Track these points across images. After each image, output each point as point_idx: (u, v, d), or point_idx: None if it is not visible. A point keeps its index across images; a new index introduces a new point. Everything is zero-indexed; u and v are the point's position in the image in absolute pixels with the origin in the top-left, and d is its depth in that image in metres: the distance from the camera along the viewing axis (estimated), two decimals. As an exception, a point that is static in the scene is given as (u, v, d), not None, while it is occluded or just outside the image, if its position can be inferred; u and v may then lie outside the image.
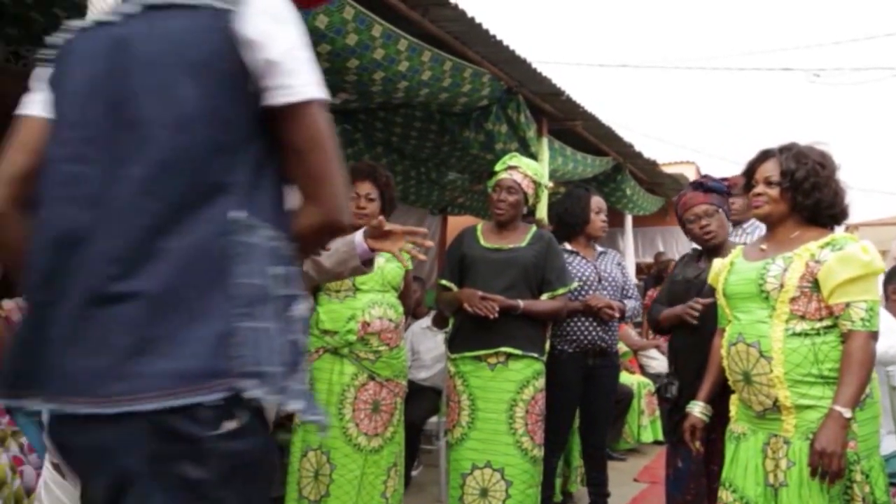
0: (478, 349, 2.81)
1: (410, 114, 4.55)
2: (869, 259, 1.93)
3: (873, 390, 1.99)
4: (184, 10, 1.04)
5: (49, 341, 1.01)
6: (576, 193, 3.39)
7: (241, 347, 0.98)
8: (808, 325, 1.98)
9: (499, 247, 2.92)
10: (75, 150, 1.06)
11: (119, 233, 1.00)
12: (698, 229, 2.68)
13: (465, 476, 2.80)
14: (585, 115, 4.83)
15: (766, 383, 2.00)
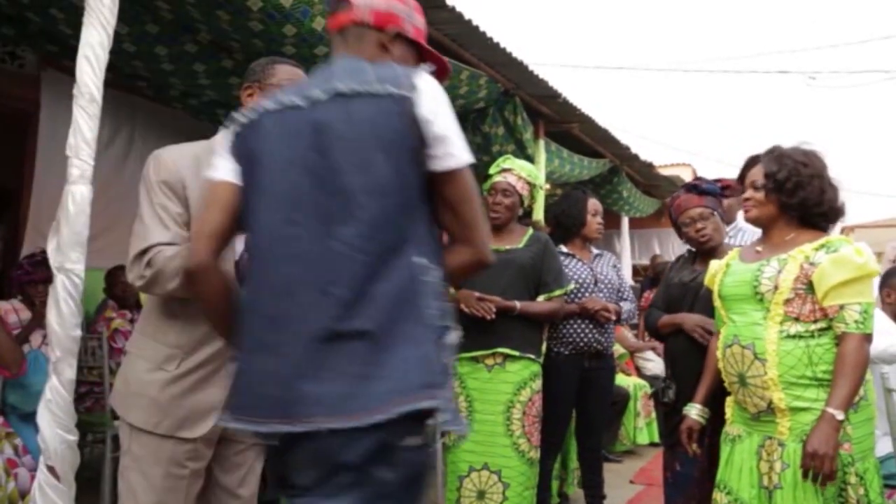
0: (475, 350, 2.80)
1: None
2: (863, 261, 1.93)
3: (868, 392, 1.98)
4: (369, 97, 1.28)
5: (276, 374, 1.25)
6: (573, 196, 3.39)
7: (434, 371, 1.24)
8: (803, 328, 1.99)
9: (495, 248, 2.89)
10: (287, 214, 1.30)
11: (339, 281, 1.24)
12: (694, 232, 2.67)
13: (462, 478, 2.80)
14: (582, 117, 4.84)
15: (760, 385, 2.00)
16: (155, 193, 1.68)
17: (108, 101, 2.15)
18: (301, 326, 1.24)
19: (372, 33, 1.44)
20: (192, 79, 3.62)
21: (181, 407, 1.71)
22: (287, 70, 1.83)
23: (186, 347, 1.71)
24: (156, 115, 4.41)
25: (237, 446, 1.84)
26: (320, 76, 1.38)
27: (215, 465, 1.84)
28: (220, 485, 1.84)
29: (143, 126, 4.41)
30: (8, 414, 2.87)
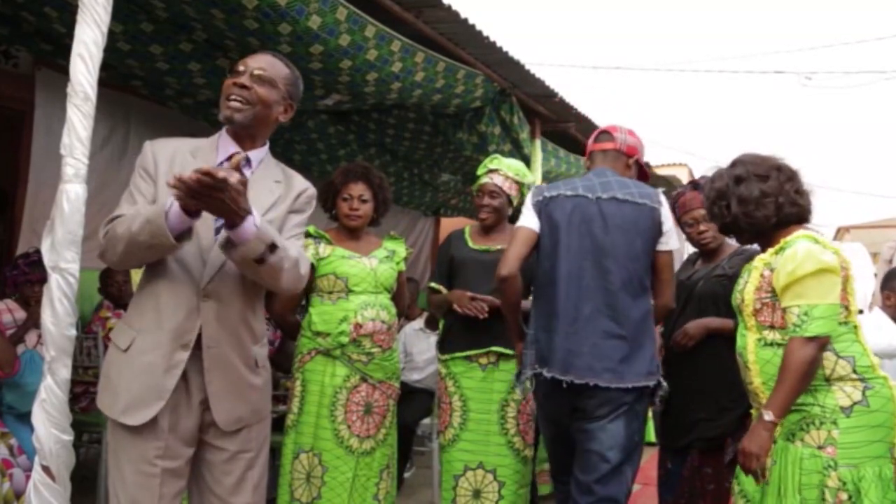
0: (468, 350, 2.81)
1: (404, 115, 4.55)
2: (793, 267, 1.92)
3: (871, 399, 1.95)
4: (634, 204, 2.39)
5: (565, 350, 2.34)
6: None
7: (655, 363, 2.39)
8: (779, 335, 1.99)
9: (487, 248, 2.92)
10: (580, 263, 2.37)
11: (613, 305, 2.34)
12: (696, 234, 2.71)
13: (457, 478, 2.80)
14: (578, 116, 4.84)
15: (753, 391, 2.05)
16: (135, 177, 1.81)
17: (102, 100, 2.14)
18: (588, 326, 2.32)
19: (623, 157, 2.55)
20: (187, 78, 3.61)
21: (128, 391, 1.72)
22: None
23: (140, 328, 1.75)
24: (151, 115, 4.39)
25: (223, 454, 1.81)
26: (598, 180, 2.44)
27: (206, 472, 1.83)
28: (213, 492, 1.83)
29: (138, 125, 4.39)
30: (3, 414, 2.86)
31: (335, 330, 2.73)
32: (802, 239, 1.99)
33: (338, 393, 2.74)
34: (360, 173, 2.91)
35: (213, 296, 1.75)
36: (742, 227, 2.09)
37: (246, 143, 1.85)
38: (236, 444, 1.82)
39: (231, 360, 1.78)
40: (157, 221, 1.59)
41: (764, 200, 2.04)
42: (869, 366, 1.98)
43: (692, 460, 2.54)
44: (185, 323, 1.73)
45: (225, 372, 1.77)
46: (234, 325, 1.79)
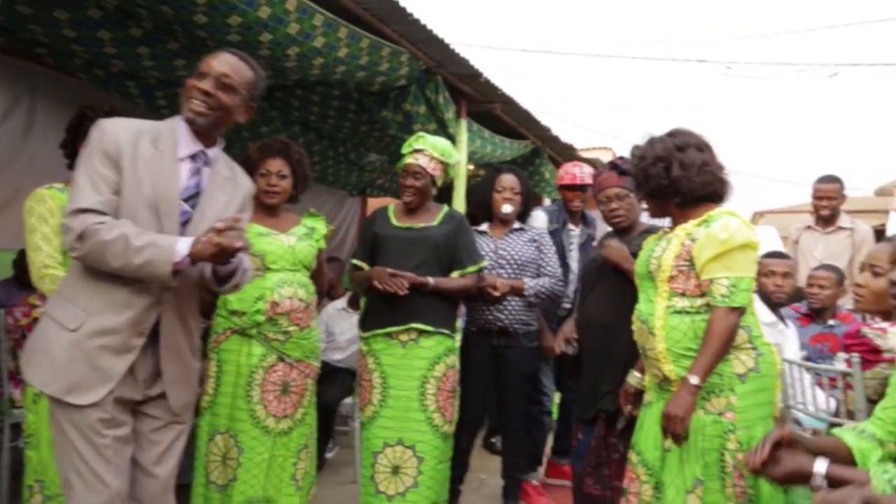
0: (389, 326, 2.80)
1: (328, 92, 4.46)
2: (726, 237, 2.01)
3: (761, 365, 2.07)
4: None
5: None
6: (486, 174, 3.42)
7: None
8: (689, 303, 2.08)
9: (410, 226, 2.92)
10: None
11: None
12: (608, 211, 2.76)
13: (376, 454, 2.80)
14: (504, 97, 4.86)
15: (655, 357, 2.10)
16: (94, 160, 1.78)
17: (3, 69, 2.03)
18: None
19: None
20: (96, 47, 3.44)
21: (75, 372, 1.73)
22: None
23: (92, 310, 1.76)
24: (59, 86, 4.16)
25: (154, 422, 1.87)
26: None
27: (133, 441, 1.84)
28: (135, 462, 1.84)
29: (45, 97, 4.15)
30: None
31: (251, 308, 2.67)
32: (728, 215, 2.09)
33: (254, 373, 2.69)
34: (279, 149, 2.85)
35: (174, 289, 1.83)
36: (679, 191, 2.14)
37: (205, 139, 1.91)
38: (171, 414, 1.90)
39: (182, 347, 1.91)
40: (162, 269, 1.71)
41: (705, 169, 2.13)
42: (759, 335, 2.10)
43: (599, 430, 2.63)
44: (145, 312, 1.80)
45: (178, 359, 1.89)
46: (185, 314, 1.91)
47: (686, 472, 2.05)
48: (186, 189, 1.87)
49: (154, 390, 1.86)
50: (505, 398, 3.31)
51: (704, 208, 2.13)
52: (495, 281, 3.08)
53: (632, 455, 2.25)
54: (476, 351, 3.11)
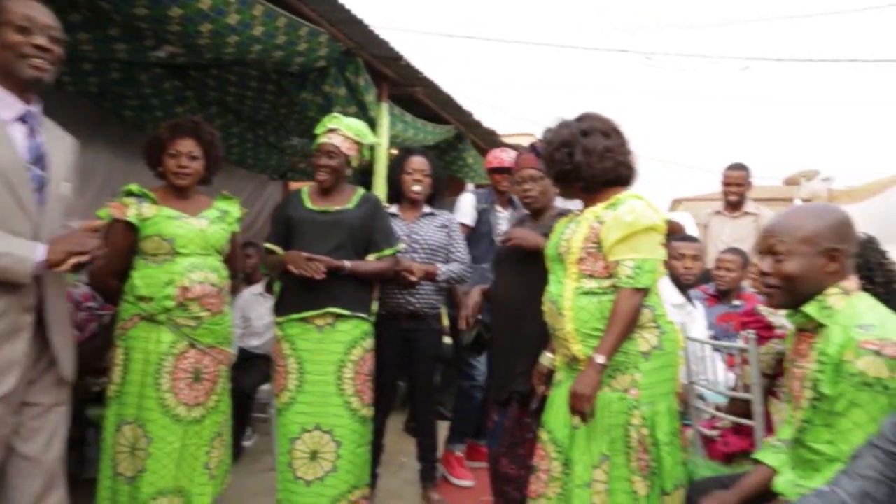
0: (304, 311, 2.76)
1: (245, 73, 4.34)
2: (632, 220, 2.08)
3: (664, 343, 2.15)
4: None
5: None
6: (397, 156, 3.41)
7: None
8: (596, 284, 2.13)
9: (325, 209, 2.88)
10: None
11: None
12: (521, 192, 2.79)
13: (293, 440, 2.77)
14: (425, 81, 4.84)
15: (564, 338, 2.15)
16: None
17: None
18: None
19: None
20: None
21: None
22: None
23: None
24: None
25: (34, 409, 1.85)
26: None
27: (12, 436, 1.77)
28: (20, 454, 1.80)
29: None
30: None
31: (159, 294, 2.58)
32: (634, 198, 2.14)
33: (163, 360, 2.60)
34: (190, 128, 2.75)
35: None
36: (582, 176, 2.18)
37: (29, 97, 1.86)
38: (52, 398, 1.90)
39: (64, 314, 1.98)
40: (20, 278, 1.75)
41: (607, 155, 2.17)
42: (663, 314, 2.17)
43: (513, 412, 2.68)
44: (26, 288, 1.81)
45: (62, 327, 1.95)
46: (63, 285, 1.97)
47: (593, 449, 2.12)
48: (29, 151, 1.84)
49: (36, 372, 1.86)
50: (415, 381, 3.33)
51: (612, 192, 2.19)
52: (411, 265, 3.08)
53: (542, 433, 2.30)
54: (386, 334, 3.09)
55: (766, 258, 1.75)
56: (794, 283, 1.70)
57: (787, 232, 1.71)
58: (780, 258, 1.71)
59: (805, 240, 1.68)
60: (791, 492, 1.70)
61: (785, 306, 1.77)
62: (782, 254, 1.70)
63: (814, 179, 13.50)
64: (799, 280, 1.69)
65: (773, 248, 1.73)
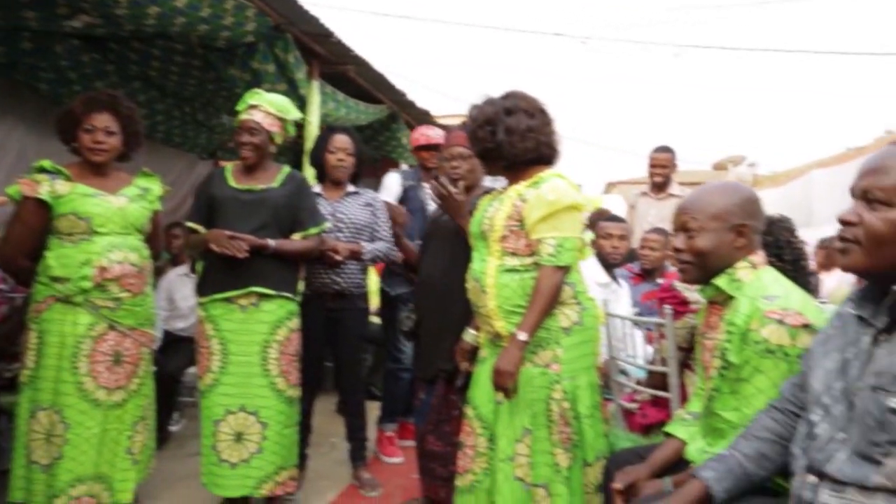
0: (228, 290, 2.71)
1: (169, 46, 4.18)
2: (554, 198, 2.12)
3: (585, 318, 2.20)
4: None
5: None
6: (320, 134, 3.36)
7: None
8: (518, 262, 2.17)
9: (249, 188, 2.82)
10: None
11: None
12: (450, 169, 2.80)
13: (217, 422, 2.72)
14: (357, 59, 4.77)
15: (487, 315, 2.18)
16: None
17: None
18: None
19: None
20: None
21: None
22: None
23: None
24: None
25: None
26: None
27: None
28: None
29: None
30: None
31: (76, 274, 2.49)
32: (556, 177, 2.17)
33: (80, 343, 2.51)
34: (106, 102, 2.65)
35: None
36: (503, 155, 2.20)
37: None
38: None
39: None
40: None
41: (528, 135, 2.19)
42: (583, 291, 2.23)
43: (439, 389, 2.70)
44: None
45: None
46: None
47: (515, 423, 2.16)
48: None
49: None
50: (342, 360, 3.30)
51: (534, 170, 2.21)
52: (336, 245, 3.05)
53: (468, 410, 2.33)
54: (311, 314, 3.05)
55: (680, 234, 1.80)
56: (705, 257, 1.76)
57: (699, 209, 1.77)
58: (692, 234, 1.76)
59: (715, 216, 1.74)
60: (701, 459, 1.77)
61: (697, 281, 1.83)
62: (694, 230, 1.76)
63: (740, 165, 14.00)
64: (710, 255, 1.75)
65: (685, 225, 1.78)
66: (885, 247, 1.14)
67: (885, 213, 1.14)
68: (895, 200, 1.13)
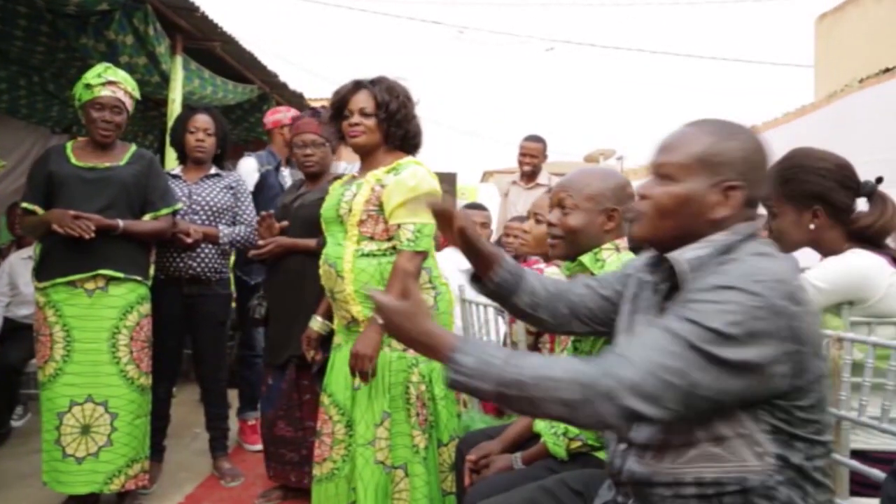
0: (72, 274, 2.54)
1: (11, 8, 3.84)
2: (414, 184, 2.15)
3: (439, 302, 2.26)
4: None
5: None
6: (180, 114, 3.23)
7: None
8: (377, 246, 2.19)
9: (93, 165, 2.65)
10: None
11: None
12: (302, 156, 2.78)
13: (61, 415, 2.56)
14: (225, 36, 4.58)
15: (343, 300, 2.19)
16: None
17: None
18: None
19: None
20: None
21: None
22: None
23: None
24: None
25: None
26: None
27: None
28: None
29: None
30: None
31: None
32: (415, 164, 2.19)
33: None
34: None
35: None
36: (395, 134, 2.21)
37: None
38: None
39: None
40: None
41: (414, 120, 2.23)
42: (438, 276, 2.28)
43: (290, 374, 2.68)
44: None
45: None
46: None
47: (375, 407, 2.18)
48: None
49: None
50: (200, 348, 3.18)
51: (393, 156, 2.24)
52: (188, 227, 2.92)
53: (324, 398, 2.32)
54: (166, 299, 2.93)
55: (556, 210, 1.86)
56: (575, 235, 1.82)
57: (576, 189, 1.83)
58: (566, 211, 1.83)
59: (590, 197, 1.81)
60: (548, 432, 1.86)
61: (565, 256, 1.90)
62: (569, 207, 1.82)
63: (610, 158, 14.71)
64: (580, 233, 1.82)
65: (562, 202, 1.85)
66: (667, 218, 1.22)
67: (669, 188, 1.22)
68: (678, 176, 1.21)
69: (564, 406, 1.03)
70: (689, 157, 1.20)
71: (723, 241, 1.17)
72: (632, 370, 1.02)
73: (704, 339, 1.02)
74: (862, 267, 1.72)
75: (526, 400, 1.06)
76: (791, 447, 1.09)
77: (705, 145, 1.20)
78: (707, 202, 1.18)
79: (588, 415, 1.03)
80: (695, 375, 1.02)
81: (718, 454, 1.09)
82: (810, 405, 1.08)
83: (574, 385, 1.03)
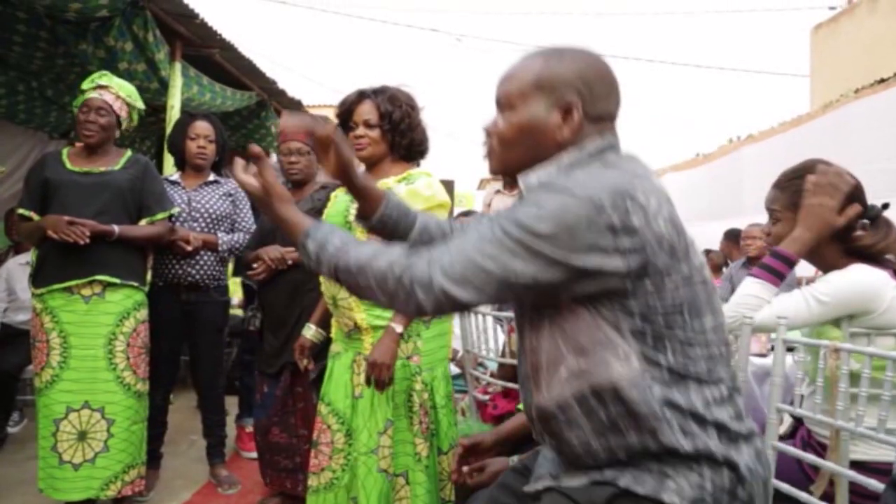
0: (68, 280, 2.54)
1: (11, 14, 3.85)
2: (430, 194, 2.16)
3: None
4: None
5: None
6: (179, 120, 3.23)
7: None
8: None
9: (88, 170, 2.66)
10: None
11: None
12: (287, 163, 2.79)
13: (58, 421, 2.55)
14: (224, 43, 4.59)
15: (347, 307, 2.18)
16: None
17: None
18: None
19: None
20: None
21: None
22: None
23: None
24: None
25: None
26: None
27: None
28: None
29: None
30: None
31: None
32: (426, 175, 2.20)
33: None
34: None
35: None
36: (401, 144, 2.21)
37: None
38: None
39: None
40: None
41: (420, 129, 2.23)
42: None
43: (285, 381, 2.68)
44: None
45: None
46: None
47: (378, 415, 2.17)
48: None
49: None
50: (197, 355, 3.17)
51: (401, 167, 2.24)
52: (188, 234, 2.92)
53: (321, 407, 2.30)
54: (163, 306, 2.93)
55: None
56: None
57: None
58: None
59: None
60: None
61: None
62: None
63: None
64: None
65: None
66: (514, 148, 1.22)
67: (509, 117, 1.22)
68: (515, 104, 1.20)
69: (384, 294, 1.09)
70: (524, 84, 1.20)
71: (568, 159, 1.17)
72: (447, 257, 1.06)
73: (519, 230, 1.03)
74: (867, 283, 1.73)
75: (355, 286, 1.13)
76: (657, 350, 1.07)
77: (537, 69, 1.19)
78: (549, 125, 1.18)
79: (404, 300, 1.08)
80: (511, 264, 1.04)
81: (586, 368, 1.09)
82: (673, 306, 1.07)
83: (390, 273, 1.08)
